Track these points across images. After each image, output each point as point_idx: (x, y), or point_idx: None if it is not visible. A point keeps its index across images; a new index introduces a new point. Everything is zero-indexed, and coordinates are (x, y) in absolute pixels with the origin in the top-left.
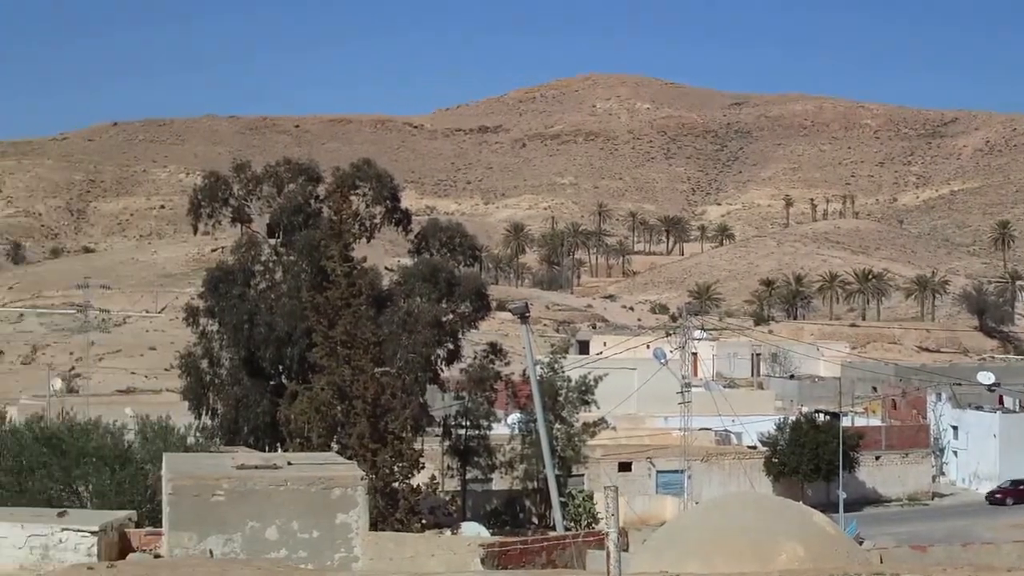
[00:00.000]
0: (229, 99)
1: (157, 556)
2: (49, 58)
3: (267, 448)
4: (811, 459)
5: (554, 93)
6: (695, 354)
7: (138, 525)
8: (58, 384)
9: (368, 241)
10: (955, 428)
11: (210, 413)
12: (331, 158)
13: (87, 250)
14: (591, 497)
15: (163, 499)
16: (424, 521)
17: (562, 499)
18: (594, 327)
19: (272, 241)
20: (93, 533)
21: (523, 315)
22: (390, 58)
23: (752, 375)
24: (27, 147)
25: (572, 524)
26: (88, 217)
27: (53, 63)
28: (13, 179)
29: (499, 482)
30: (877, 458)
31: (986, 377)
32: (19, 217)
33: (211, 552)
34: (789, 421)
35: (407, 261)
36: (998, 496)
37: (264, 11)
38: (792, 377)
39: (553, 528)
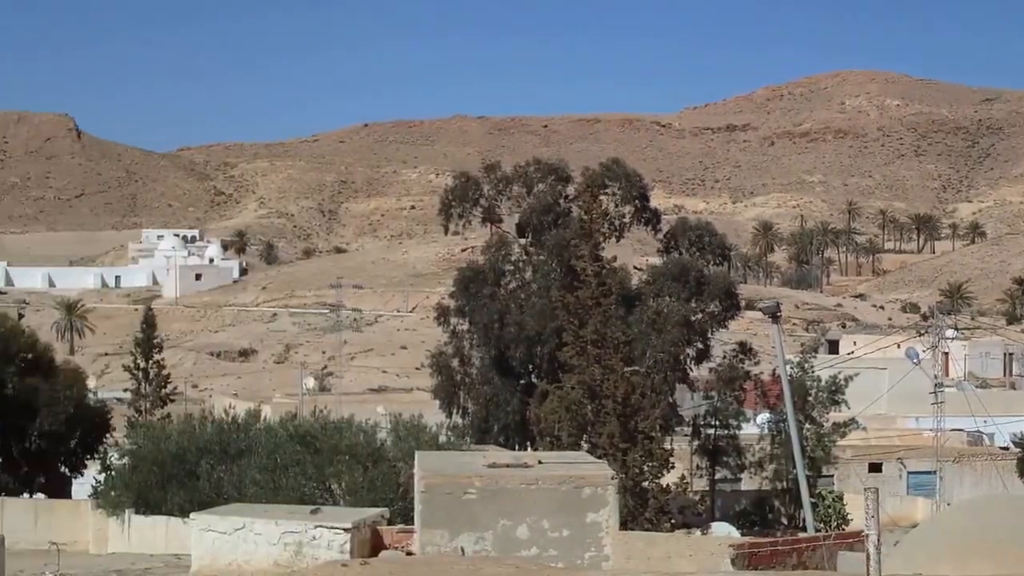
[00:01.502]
0: (478, 100)
1: (409, 554)
2: (302, 62)
3: (517, 447)
4: None
5: (802, 91)
6: (946, 354)
7: (390, 523)
8: (311, 383)
9: (617, 240)
10: None
11: (461, 412)
12: (579, 158)
13: (339, 250)
14: (841, 498)
15: (415, 497)
16: (673, 521)
17: (812, 500)
18: (844, 326)
19: (522, 241)
20: (346, 530)
21: (774, 314)
22: (638, 57)
23: (1005, 375)
24: (280, 149)
25: (822, 525)
26: (339, 218)
27: (306, 67)
28: (266, 180)
29: (748, 482)
30: None
31: None
32: (272, 218)
33: (462, 550)
34: None
35: (656, 260)
36: None
37: (511, 13)
38: None
39: (803, 529)
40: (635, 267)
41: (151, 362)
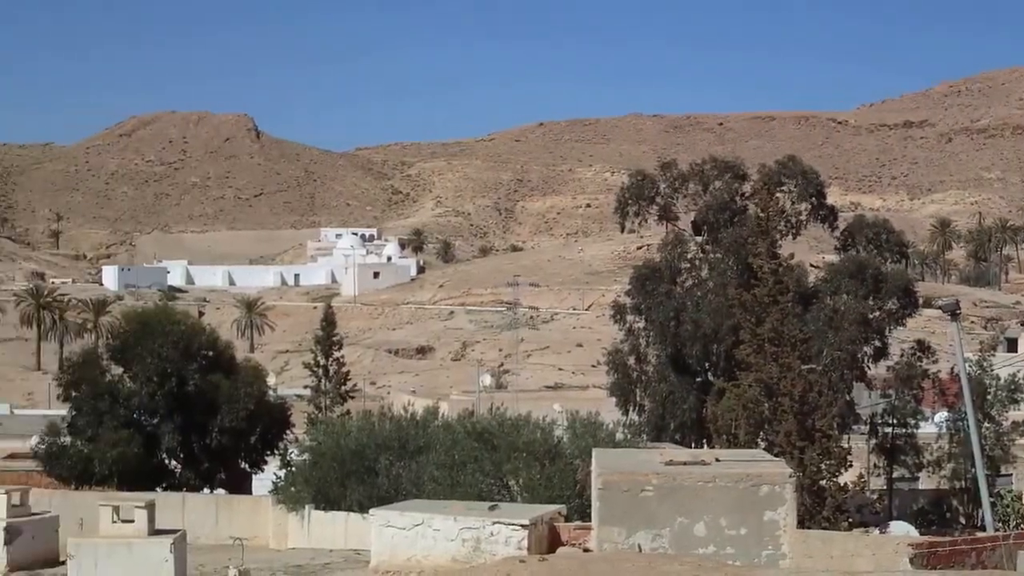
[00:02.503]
0: (653, 98)
1: (586, 551)
2: (476, 61)
3: (693, 445)
4: None
5: (980, 86)
6: None
7: (567, 520)
8: (487, 380)
9: (794, 238)
10: None
11: (637, 409)
12: (755, 155)
13: (515, 248)
14: (1020, 497)
15: (592, 494)
16: (851, 520)
17: (991, 499)
18: (1023, 324)
19: (698, 238)
20: (524, 527)
21: (954, 312)
22: (813, 54)
23: None
24: (456, 148)
25: (1001, 524)
26: (516, 216)
27: (480, 66)
28: (443, 179)
29: (926, 481)
30: None
31: None
32: (448, 216)
33: (639, 547)
34: None
35: (832, 258)
36: None
37: (685, 13)
38: None
39: (982, 528)
40: (812, 264)
41: (331, 359)
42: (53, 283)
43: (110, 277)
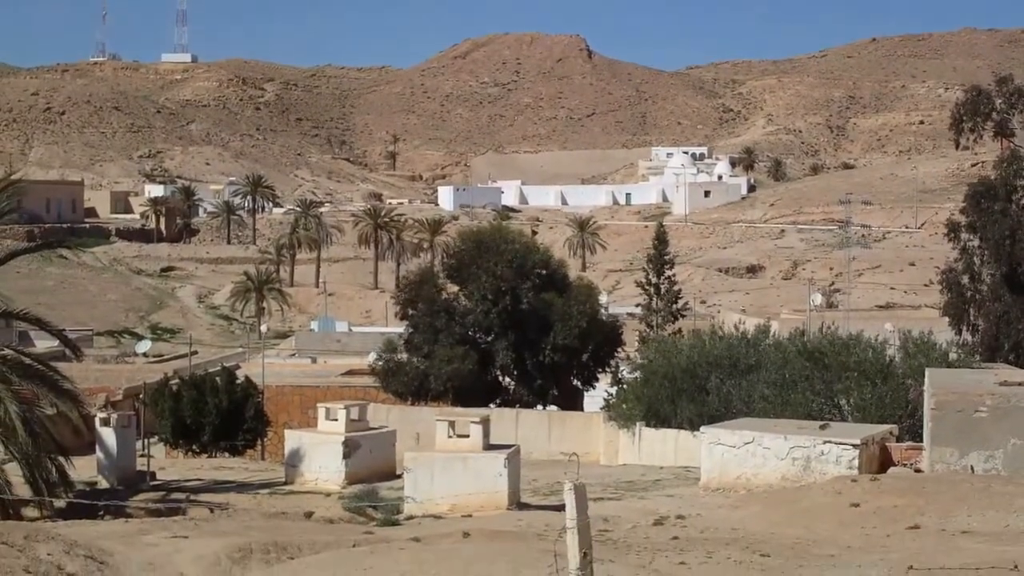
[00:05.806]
0: (987, 11)
1: (917, 471)
2: None
3: None
4: None
5: None
6: None
7: (898, 439)
8: (818, 299)
9: None
10: None
11: (970, 329)
12: None
13: (846, 166)
14: None
15: (925, 414)
16: None
17: None
18: None
19: None
20: (855, 446)
21: None
22: None
23: None
24: (787, 65)
25: None
26: (847, 133)
27: None
28: (774, 97)
29: None
30: None
31: None
32: (780, 135)
33: (972, 468)
34: None
35: None
36: None
37: None
38: None
39: None
40: None
41: (662, 278)
42: (390, 204)
43: (445, 197)
